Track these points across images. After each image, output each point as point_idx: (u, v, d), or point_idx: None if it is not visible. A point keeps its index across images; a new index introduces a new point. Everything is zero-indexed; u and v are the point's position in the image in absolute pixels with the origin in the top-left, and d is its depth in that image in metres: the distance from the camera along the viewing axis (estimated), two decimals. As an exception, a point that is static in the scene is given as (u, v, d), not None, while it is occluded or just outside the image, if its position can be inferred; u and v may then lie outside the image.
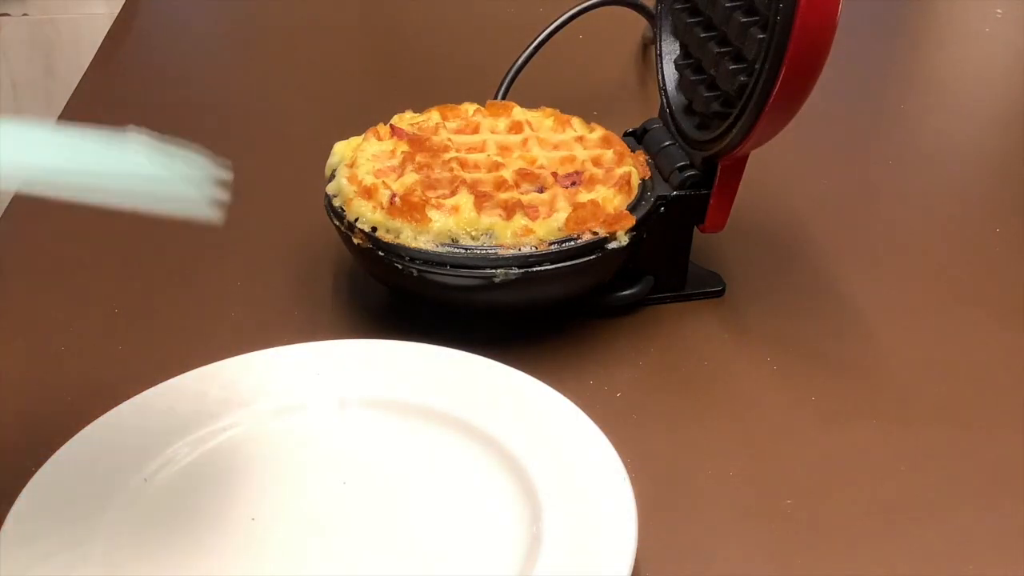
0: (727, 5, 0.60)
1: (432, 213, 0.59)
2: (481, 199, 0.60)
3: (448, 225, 0.59)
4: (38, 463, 0.50)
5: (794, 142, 0.65)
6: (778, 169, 0.75)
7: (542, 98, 0.72)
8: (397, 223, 0.59)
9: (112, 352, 0.62)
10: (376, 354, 0.58)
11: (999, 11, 1.11)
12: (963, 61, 1.05)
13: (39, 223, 0.74)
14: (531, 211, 0.60)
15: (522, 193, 0.61)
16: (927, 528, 0.52)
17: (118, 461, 0.51)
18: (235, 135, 0.85)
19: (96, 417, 0.53)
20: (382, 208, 0.60)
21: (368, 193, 0.61)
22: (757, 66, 0.56)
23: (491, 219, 0.59)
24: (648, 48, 0.99)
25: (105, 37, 1.03)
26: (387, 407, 0.56)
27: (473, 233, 0.59)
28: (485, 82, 0.81)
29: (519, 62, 0.82)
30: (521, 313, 0.64)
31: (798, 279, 0.70)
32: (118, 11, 1.09)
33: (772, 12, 0.54)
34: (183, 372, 0.56)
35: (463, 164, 0.63)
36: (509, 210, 0.60)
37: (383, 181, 0.62)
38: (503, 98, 0.80)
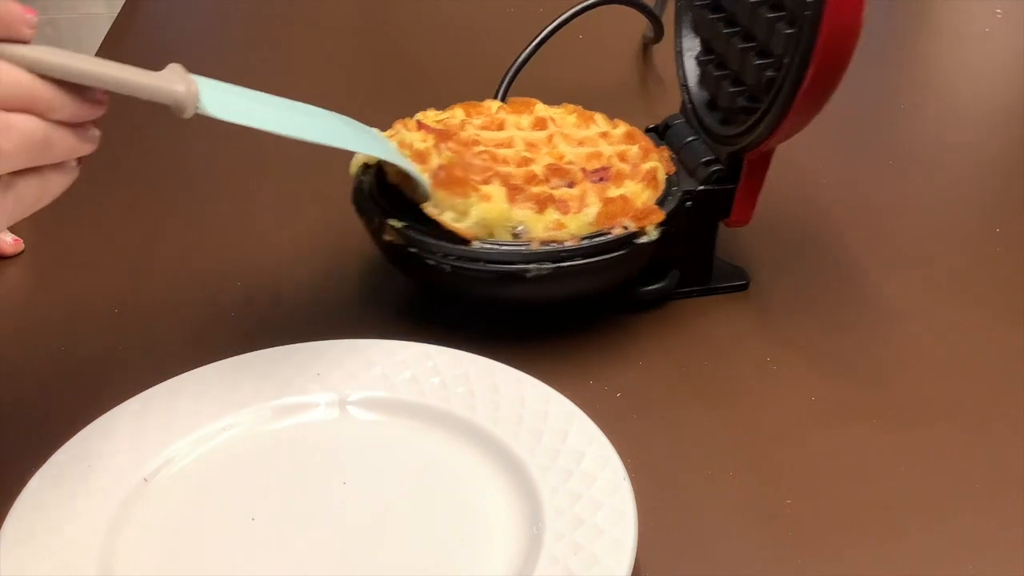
0: (752, 1, 0.60)
1: (472, 195, 0.59)
2: (513, 192, 0.60)
3: (482, 213, 0.59)
4: (38, 463, 0.50)
5: (792, 142, 0.64)
6: (775, 169, 0.75)
7: (543, 98, 0.72)
8: (441, 195, 0.59)
9: (112, 352, 0.62)
10: (376, 354, 0.58)
11: (999, 11, 1.11)
12: (963, 61, 1.05)
13: (39, 223, 0.74)
14: (562, 205, 0.60)
15: (552, 188, 0.62)
16: (927, 528, 0.52)
17: (118, 461, 0.51)
18: (235, 136, 0.85)
19: (96, 417, 0.53)
20: (432, 176, 0.60)
21: (421, 158, 0.61)
22: (786, 60, 0.56)
23: (523, 212, 0.59)
24: (649, 48, 0.99)
25: (105, 37, 1.03)
26: (387, 407, 0.56)
27: (507, 226, 0.59)
28: (485, 82, 0.81)
29: (519, 61, 0.82)
30: (550, 308, 0.64)
31: (795, 279, 0.70)
32: (118, 11, 1.09)
33: (800, 7, 0.55)
34: (183, 372, 0.56)
35: (493, 158, 0.63)
36: (541, 204, 0.60)
37: (435, 145, 0.62)
38: (503, 98, 0.80)
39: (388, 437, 0.55)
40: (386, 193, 0.64)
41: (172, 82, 0.49)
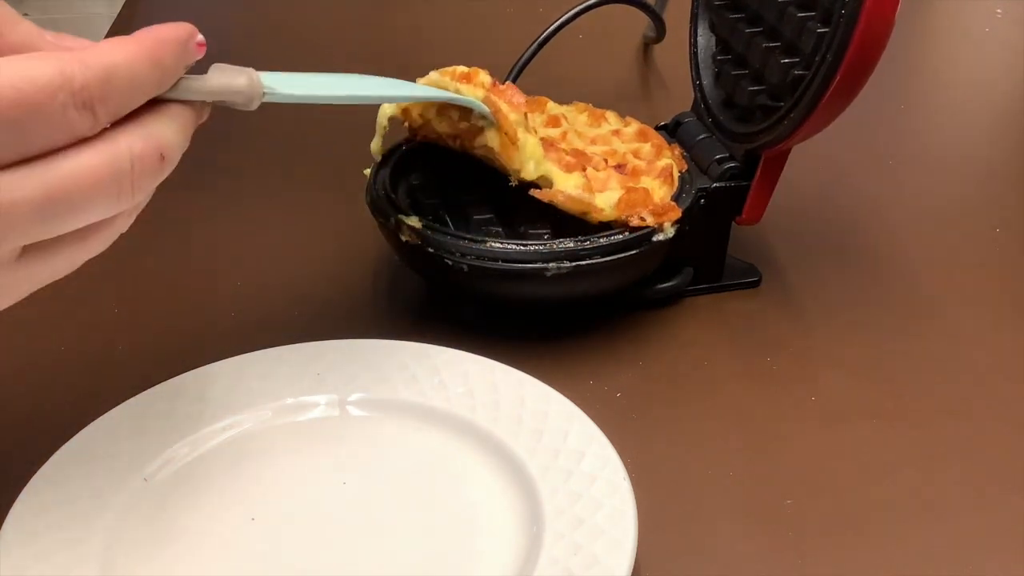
0: (781, 0, 0.61)
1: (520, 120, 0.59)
2: (547, 146, 0.60)
3: (524, 142, 0.58)
4: (38, 463, 0.50)
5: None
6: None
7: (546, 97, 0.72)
8: (495, 99, 0.59)
9: (112, 352, 0.62)
10: (376, 354, 0.58)
11: (999, 11, 1.11)
12: (963, 61, 1.05)
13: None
14: (587, 182, 0.61)
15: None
16: (927, 528, 0.52)
17: (118, 461, 0.51)
18: (236, 135, 0.85)
19: (96, 417, 0.53)
20: (484, 88, 0.59)
21: (467, 78, 0.61)
22: (817, 59, 0.57)
23: (553, 168, 0.60)
24: (649, 47, 0.99)
25: (105, 37, 1.03)
26: (387, 407, 0.56)
27: (537, 166, 0.59)
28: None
29: (521, 62, 0.82)
30: (566, 307, 0.64)
31: (799, 278, 0.70)
32: (118, 11, 1.09)
33: (837, 6, 0.55)
34: (183, 372, 0.56)
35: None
36: (569, 168, 0.60)
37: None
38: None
39: (388, 437, 0.55)
40: (402, 192, 0.64)
41: (232, 77, 0.46)
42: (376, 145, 0.65)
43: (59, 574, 0.46)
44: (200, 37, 0.42)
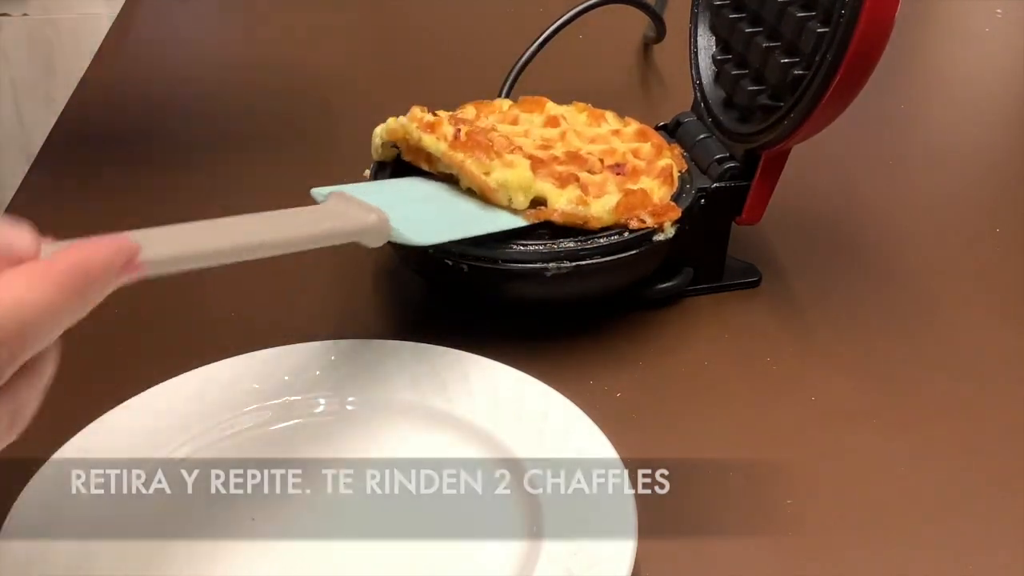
0: (781, 0, 0.61)
1: (495, 159, 0.59)
2: (537, 165, 0.60)
3: (505, 178, 0.59)
4: (38, 463, 0.50)
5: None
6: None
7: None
8: (460, 156, 0.59)
9: (112, 352, 0.62)
10: (376, 354, 0.58)
11: (999, 11, 1.11)
12: (963, 61, 1.05)
13: (38, 222, 0.74)
14: (583, 188, 0.61)
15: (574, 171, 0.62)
16: (927, 528, 0.52)
17: (118, 461, 0.51)
18: (236, 135, 0.85)
19: (96, 417, 0.53)
20: (446, 140, 0.60)
21: (431, 128, 0.61)
22: (817, 59, 0.57)
23: (546, 185, 0.60)
24: (649, 47, 0.99)
25: (105, 37, 1.03)
26: (387, 407, 0.56)
27: (529, 192, 0.59)
28: (486, 83, 0.81)
29: (521, 62, 0.82)
30: (566, 308, 0.64)
31: (799, 279, 0.70)
32: (118, 11, 1.09)
33: (837, 6, 0.55)
34: (183, 372, 0.56)
35: (511, 142, 0.63)
36: (563, 180, 0.60)
37: (449, 115, 0.61)
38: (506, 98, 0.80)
39: (388, 437, 0.55)
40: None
41: (361, 216, 0.47)
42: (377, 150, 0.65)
43: (60, 574, 0.46)
44: (139, 257, 0.38)
